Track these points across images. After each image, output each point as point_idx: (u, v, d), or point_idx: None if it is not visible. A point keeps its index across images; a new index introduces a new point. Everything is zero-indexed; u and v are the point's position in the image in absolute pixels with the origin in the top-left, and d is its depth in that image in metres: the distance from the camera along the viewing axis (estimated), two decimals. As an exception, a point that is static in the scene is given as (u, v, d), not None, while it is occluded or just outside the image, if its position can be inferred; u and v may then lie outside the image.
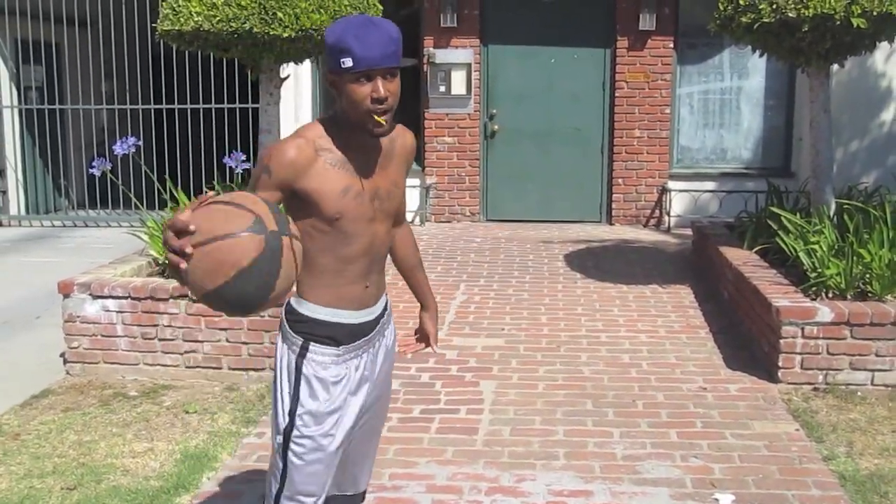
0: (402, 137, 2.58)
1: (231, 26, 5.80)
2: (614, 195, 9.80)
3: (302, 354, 2.46)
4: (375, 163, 2.46)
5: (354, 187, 2.39)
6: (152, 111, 10.10)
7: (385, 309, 2.65)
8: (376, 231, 2.48)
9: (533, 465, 4.06)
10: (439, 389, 5.00)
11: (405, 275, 2.89)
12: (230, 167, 6.75)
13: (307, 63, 8.99)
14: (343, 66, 2.27)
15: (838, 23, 5.54)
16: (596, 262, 7.90)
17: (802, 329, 4.97)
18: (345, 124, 2.39)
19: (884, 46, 6.44)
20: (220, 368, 5.22)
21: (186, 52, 7.84)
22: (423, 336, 2.96)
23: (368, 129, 2.35)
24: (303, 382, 2.46)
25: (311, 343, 2.46)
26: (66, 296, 5.33)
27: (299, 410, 2.45)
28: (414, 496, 3.79)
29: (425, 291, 2.92)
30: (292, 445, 2.47)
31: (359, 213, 2.41)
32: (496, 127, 9.83)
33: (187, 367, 5.25)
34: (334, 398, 2.47)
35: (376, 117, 2.31)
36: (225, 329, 5.18)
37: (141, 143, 6.47)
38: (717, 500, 3.74)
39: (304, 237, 2.28)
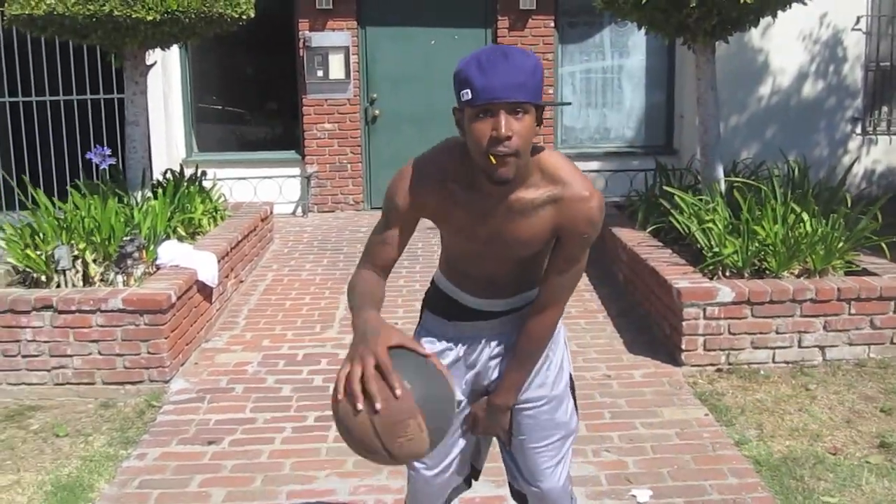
0: (567, 203, 2.15)
1: (89, 9, 5.34)
2: (501, 178, 9.62)
3: (420, 322, 2.51)
4: (502, 210, 2.16)
5: (468, 229, 2.22)
6: (6, 104, 9.38)
7: (524, 306, 2.38)
8: (493, 269, 2.31)
9: (440, 471, 3.81)
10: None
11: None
12: (94, 163, 6.26)
13: (175, 49, 8.50)
14: (463, 98, 2.00)
15: (725, -2, 5.48)
16: (487, 248, 7.70)
17: (704, 310, 4.88)
18: (475, 165, 2.11)
19: (762, 22, 6.42)
20: (93, 384, 4.79)
21: (41, 39, 7.27)
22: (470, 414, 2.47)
23: (487, 175, 2.05)
24: None
25: (426, 311, 2.49)
26: (-87, 312, 4.79)
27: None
28: (316, 515, 3.50)
29: (502, 382, 2.38)
30: None
31: (471, 251, 2.28)
32: (377, 112, 9.53)
33: (56, 385, 4.79)
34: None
35: (492, 159, 1.99)
36: (96, 341, 4.74)
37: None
38: (634, 496, 3.58)
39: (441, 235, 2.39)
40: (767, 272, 5.20)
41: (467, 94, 1.98)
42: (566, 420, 2.48)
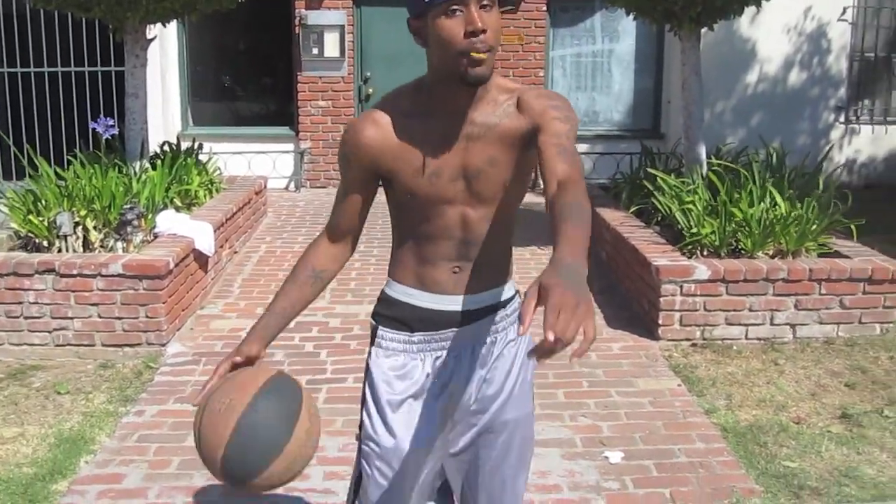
0: (525, 97, 1.96)
1: (92, -17, 5.48)
2: (490, 158, 9.81)
3: (372, 340, 2.17)
4: (464, 134, 1.97)
5: (430, 165, 1.97)
6: (5, 75, 9.51)
7: (496, 307, 2.13)
8: (463, 215, 2.02)
9: (424, 431, 4.02)
10: (325, 359, 4.91)
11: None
12: (97, 132, 6.42)
13: (174, 24, 8.63)
14: None
15: (710, -14, 5.66)
16: (475, 226, 7.90)
17: (681, 287, 5.10)
18: (432, 88, 1.97)
19: (749, 10, 6.60)
20: (92, 345, 4.98)
21: (42, 12, 7.41)
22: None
23: (462, 75, 1.86)
24: (369, 372, 2.15)
25: (381, 327, 2.15)
26: (-81, 273, 4.97)
27: (365, 405, 2.14)
28: (306, 470, 3.70)
29: (561, 241, 1.60)
30: (362, 446, 2.15)
31: (433, 194, 1.99)
32: (371, 90, 9.69)
33: (57, 346, 4.98)
34: (398, 393, 2.10)
35: (474, 54, 1.82)
36: (96, 304, 4.93)
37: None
38: (606, 457, 3.79)
39: (390, 209, 2.10)
40: (743, 252, 5.41)
41: None
42: (533, 435, 2.28)
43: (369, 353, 2.17)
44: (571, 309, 1.43)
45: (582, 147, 9.80)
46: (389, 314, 2.14)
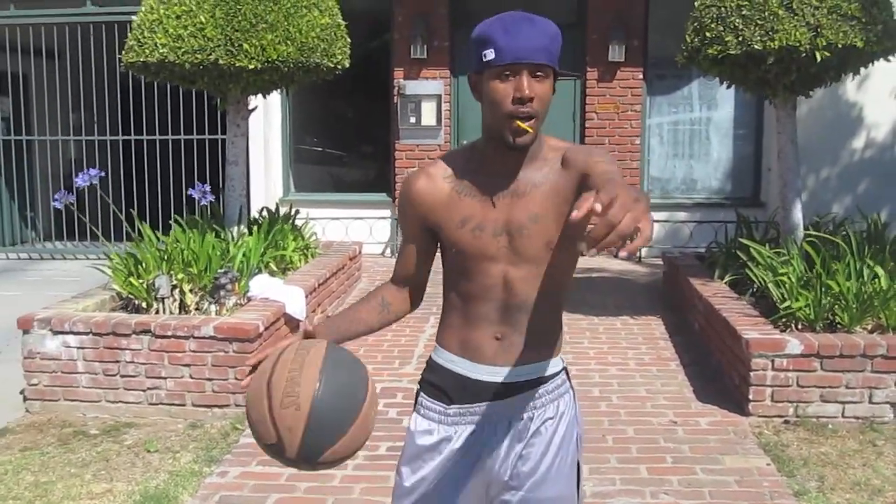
0: (570, 152, 2.04)
1: (196, 58, 5.76)
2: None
3: (415, 406, 2.22)
4: (510, 191, 2.03)
5: (474, 219, 2.04)
6: (120, 142, 10.01)
7: (538, 381, 2.14)
8: (505, 274, 2.06)
9: (501, 503, 3.97)
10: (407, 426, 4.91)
11: None
12: (195, 199, 6.68)
13: (276, 94, 8.96)
14: (484, 59, 1.93)
15: (804, 55, 5.58)
16: (567, 293, 7.85)
17: (773, 361, 4.95)
18: (484, 147, 2.05)
19: (857, 75, 6.47)
20: (183, 405, 5.12)
21: (154, 83, 7.80)
22: None
23: (506, 138, 1.95)
24: (407, 438, 2.21)
25: (422, 394, 2.20)
26: (26, 331, 5.21)
27: (399, 471, 2.22)
28: (379, 537, 3.70)
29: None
30: None
31: (475, 249, 2.05)
32: (467, 157, 9.80)
33: (150, 404, 5.14)
34: (429, 465, 2.14)
35: (517, 122, 1.92)
36: (188, 365, 5.08)
37: (106, 174, 6.38)
38: (687, 537, 3.68)
39: (443, 270, 2.15)
40: (840, 326, 5.23)
41: (490, 54, 1.91)
42: None
43: (412, 420, 2.22)
44: (629, 199, 1.46)
45: (680, 215, 9.70)
46: (431, 380, 2.18)
